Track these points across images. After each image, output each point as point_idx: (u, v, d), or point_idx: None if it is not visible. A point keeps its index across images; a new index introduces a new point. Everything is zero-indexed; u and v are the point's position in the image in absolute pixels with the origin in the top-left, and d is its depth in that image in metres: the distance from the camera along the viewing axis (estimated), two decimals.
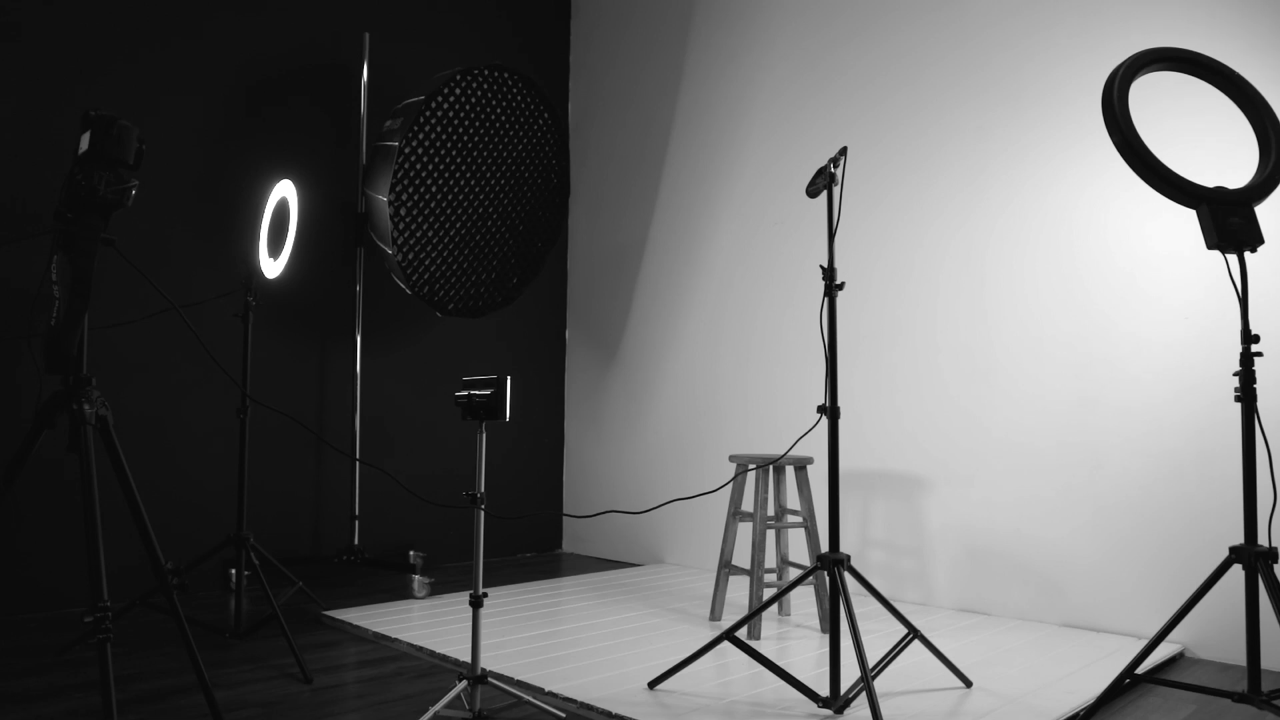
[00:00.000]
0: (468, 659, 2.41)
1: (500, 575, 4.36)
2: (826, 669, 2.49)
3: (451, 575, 4.25)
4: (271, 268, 3.58)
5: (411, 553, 4.16)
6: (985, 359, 3.70)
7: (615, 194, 5.12)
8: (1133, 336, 3.34)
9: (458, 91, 4.10)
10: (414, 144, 3.98)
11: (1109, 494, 3.36)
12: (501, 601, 3.75)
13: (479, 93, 4.17)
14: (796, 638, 3.26)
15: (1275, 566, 2.27)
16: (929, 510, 3.83)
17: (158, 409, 3.76)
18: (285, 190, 3.64)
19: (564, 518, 5.24)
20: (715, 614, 3.48)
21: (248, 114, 4.08)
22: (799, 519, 3.54)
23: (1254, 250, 2.35)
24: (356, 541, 4.14)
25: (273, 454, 4.00)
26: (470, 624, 2.37)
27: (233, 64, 4.02)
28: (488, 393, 2.37)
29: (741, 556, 3.54)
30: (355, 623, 3.33)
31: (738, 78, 4.59)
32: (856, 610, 2.48)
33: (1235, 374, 2.31)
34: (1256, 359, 2.31)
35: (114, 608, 1.92)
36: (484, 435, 2.41)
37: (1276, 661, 2.93)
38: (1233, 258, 2.36)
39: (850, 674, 2.45)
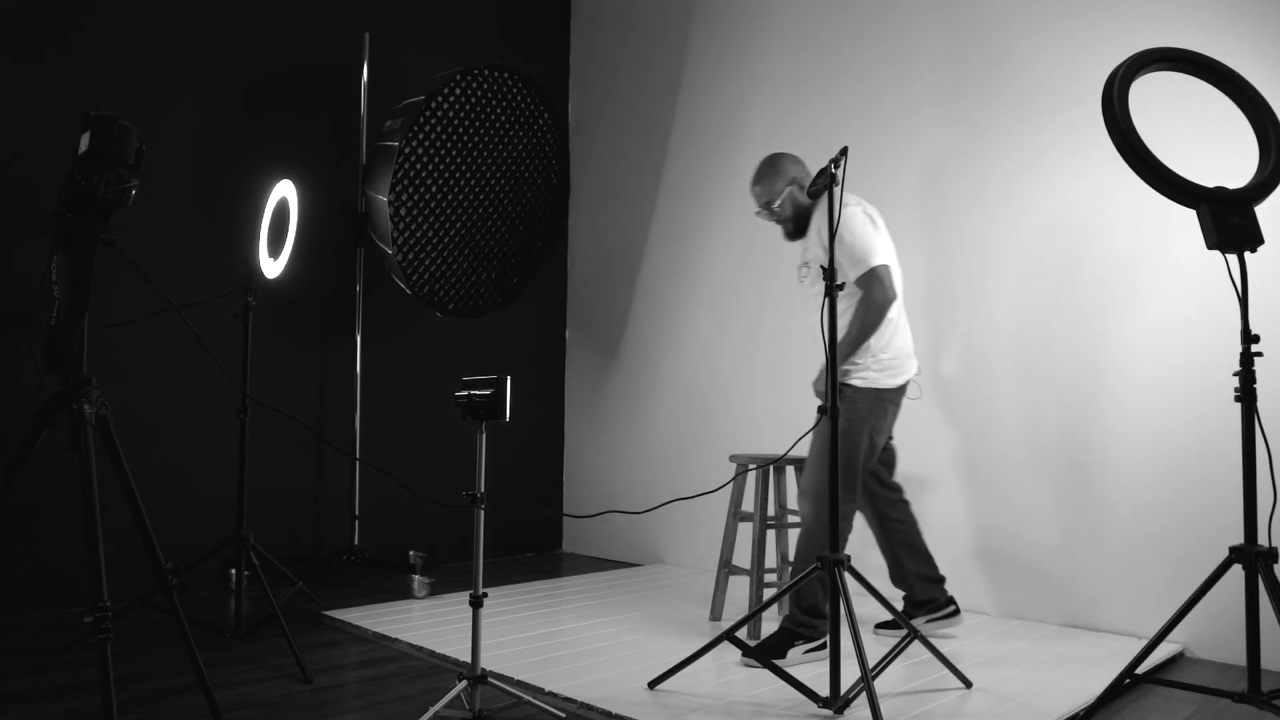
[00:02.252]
0: (468, 659, 2.41)
1: (500, 575, 4.36)
2: (826, 669, 2.49)
3: (451, 575, 4.25)
4: (271, 268, 3.58)
5: (411, 553, 4.16)
6: (985, 359, 3.70)
7: (615, 194, 5.12)
8: (1132, 336, 3.33)
9: (458, 91, 4.10)
10: (414, 144, 3.98)
11: (1109, 494, 3.36)
12: (501, 601, 3.74)
13: (479, 93, 4.17)
14: None
15: (1275, 566, 2.26)
16: (929, 510, 3.82)
17: (158, 409, 3.76)
18: (285, 190, 3.64)
19: (564, 518, 5.24)
20: (715, 614, 3.48)
21: (248, 114, 4.08)
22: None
23: (1254, 250, 2.35)
24: (356, 541, 4.14)
25: (273, 454, 3.99)
26: (470, 624, 2.37)
27: (233, 64, 4.02)
28: (488, 393, 2.37)
29: (741, 556, 3.54)
30: (355, 623, 3.33)
31: (738, 78, 4.58)
32: (856, 610, 2.49)
33: (1235, 374, 2.31)
34: (1256, 359, 2.30)
35: (114, 608, 1.92)
36: (484, 435, 2.41)
37: (1276, 661, 2.93)
38: (1233, 258, 2.35)
39: (850, 674, 2.45)
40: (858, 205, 3.01)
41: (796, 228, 3.16)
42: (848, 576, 2.50)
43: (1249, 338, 2.29)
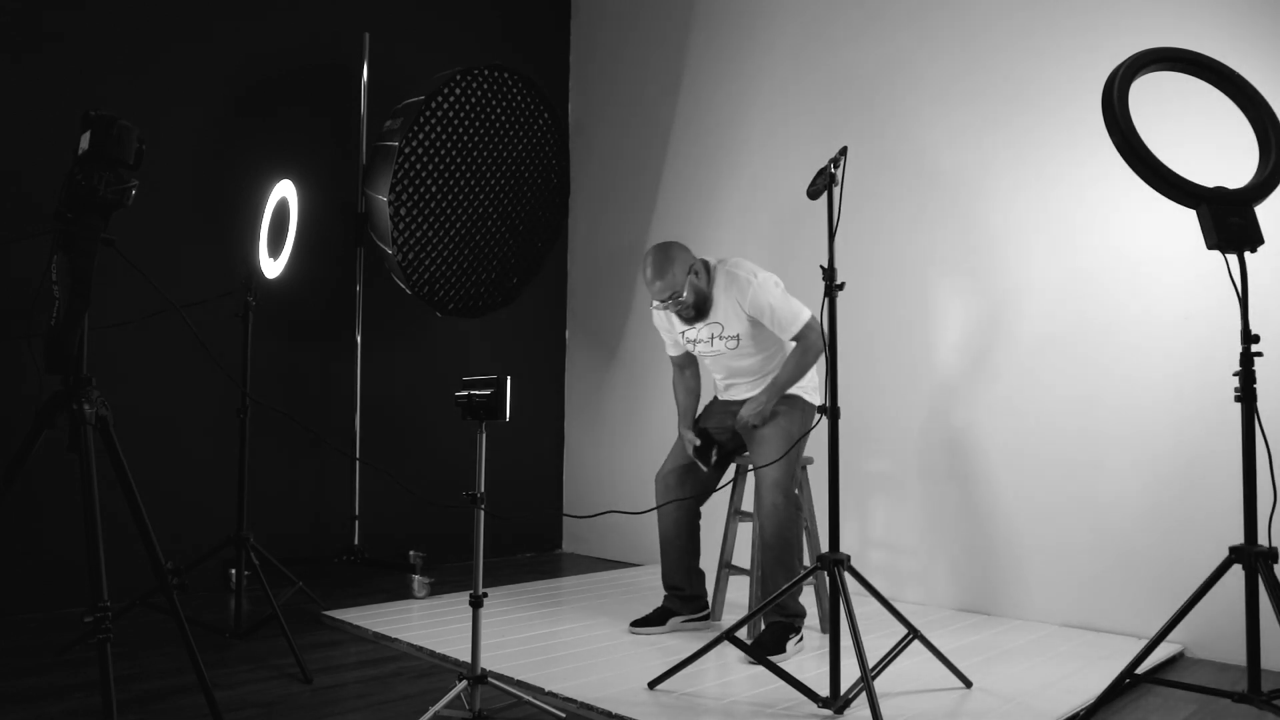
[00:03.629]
0: (468, 659, 2.41)
1: (500, 575, 4.36)
2: (826, 669, 2.49)
3: (451, 575, 4.25)
4: (271, 268, 3.58)
5: (411, 553, 4.16)
6: (985, 359, 3.70)
7: (615, 194, 5.12)
8: (1133, 336, 3.33)
9: (458, 91, 4.10)
10: (414, 144, 3.98)
11: (1109, 494, 3.36)
12: (501, 601, 3.74)
13: (479, 93, 4.17)
14: None
15: (1275, 566, 2.26)
16: (929, 510, 3.83)
17: (158, 409, 3.76)
18: (285, 190, 3.63)
19: (564, 518, 5.24)
20: (715, 614, 3.47)
21: (248, 114, 4.07)
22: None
23: (1254, 250, 2.35)
24: (356, 541, 4.14)
25: (273, 454, 3.99)
26: (470, 624, 2.37)
27: (233, 64, 4.02)
28: (488, 393, 2.37)
29: (741, 556, 3.54)
30: (355, 623, 3.33)
31: (738, 78, 4.58)
32: (856, 610, 2.49)
33: (1235, 374, 2.31)
34: (1256, 359, 2.30)
35: (114, 608, 1.92)
36: (484, 435, 2.41)
37: (1276, 661, 2.93)
38: (1233, 258, 2.35)
39: (850, 674, 2.45)
40: (759, 271, 3.21)
41: (698, 311, 3.24)
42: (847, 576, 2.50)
43: (1249, 338, 2.29)
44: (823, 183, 2.59)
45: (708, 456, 3.34)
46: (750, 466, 3.35)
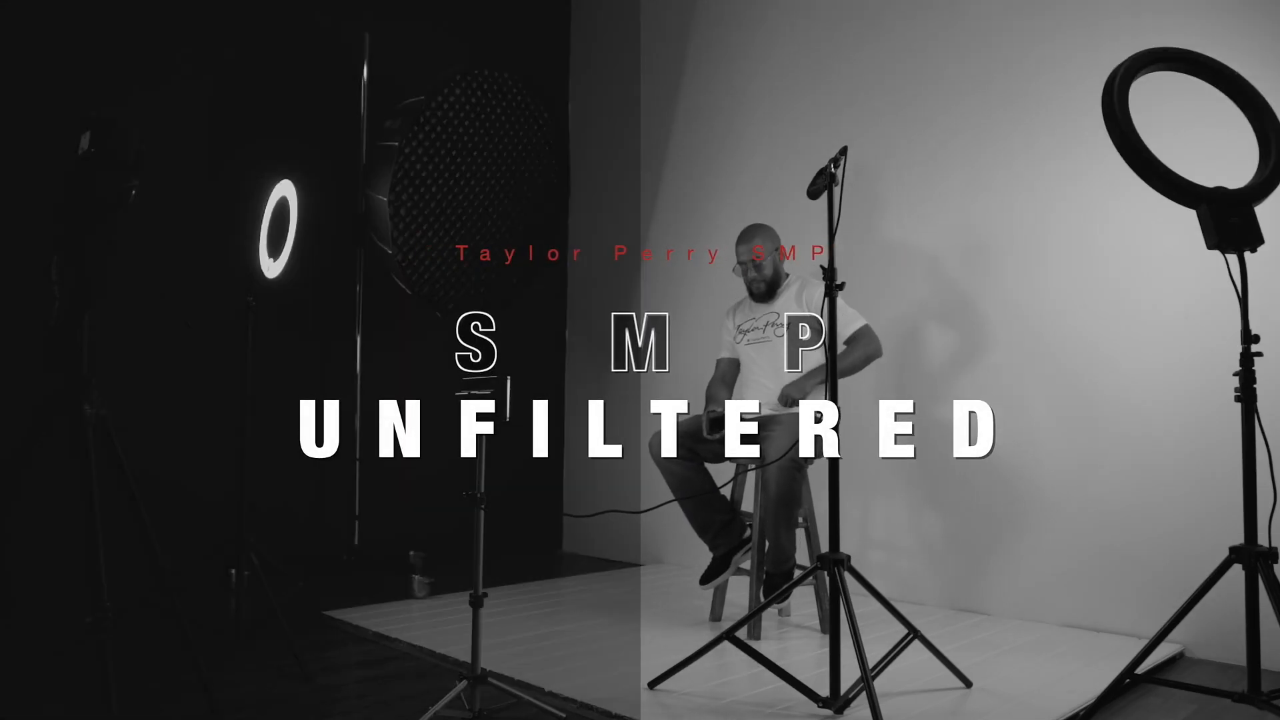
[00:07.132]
0: (468, 659, 2.41)
1: (500, 575, 4.35)
2: (826, 669, 2.50)
3: (451, 575, 4.25)
4: (271, 268, 3.58)
5: (411, 553, 4.16)
6: (984, 358, 3.70)
7: (615, 194, 5.12)
8: (1132, 336, 3.33)
9: (458, 92, 4.10)
10: (414, 144, 3.98)
11: (1109, 493, 3.36)
12: (501, 601, 3.74)
13: (479, 93, 4.17)
14: (796, 638, 3.26)
15: (1275, 566, 2.26)
16: (929, 510, 3.83)
17: (158, 409, 3.75)
18: (285, 190, 3.63)
19: (564, 518, 5.24)
20: (715, 614, 3.48)
21: (247, 114, 4.07)
22: (799, 519, 3.55)
23: (1254, 250, 2.35)
24: (356, 541, 4.14)
25: (273, 454, 3.99)
26: (470, 624, 2.37)
27: (233, 64, 4.02)
28: (487, 393, 2.38)
29: (742, 556, 3.54)
30: (355, 623, 3.33)
31: (739, 76, 4.58)
32: (856, 610, 2.49)
33: (1235, 374, 2.31)
34: (1256, 359, 2.30)
35: (114, 608, 1.93)
36: (484, 435, 2.41)
37: (1276, 661, 2.93)
38: (1233, 257, 2.35)
39: (850, 674, 2.45)
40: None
41: (769, 289, 3.50)
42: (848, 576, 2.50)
43: (1249, 338, 2.29)
44: (823, 183, 2.60)
45: (718, 427, 3.30)
46: (750, 468, 3.36)
